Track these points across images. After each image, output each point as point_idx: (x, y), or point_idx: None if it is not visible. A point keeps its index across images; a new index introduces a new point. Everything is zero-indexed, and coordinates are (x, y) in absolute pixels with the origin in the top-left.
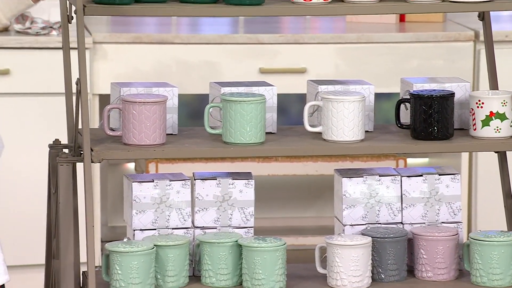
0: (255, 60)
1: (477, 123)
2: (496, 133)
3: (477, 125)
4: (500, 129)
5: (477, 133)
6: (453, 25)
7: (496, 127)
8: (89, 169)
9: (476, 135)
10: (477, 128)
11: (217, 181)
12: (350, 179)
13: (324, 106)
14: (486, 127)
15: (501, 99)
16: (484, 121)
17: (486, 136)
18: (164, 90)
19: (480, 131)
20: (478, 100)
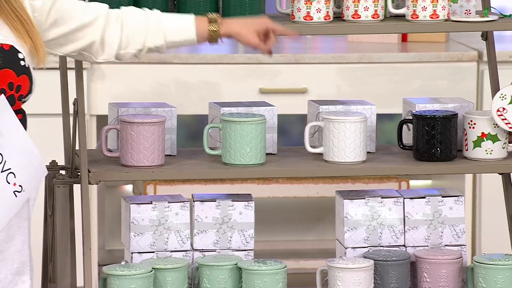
0: (255, 80)
1: (468, 144)
2: (488, 155)
3: (469, 146)
4: (492, 150)
5: (468, 154)
6: (456, 45)
7: (487, 148)
8: (86, 191)
9: (468, 156)
10: (468, 149)
11: (216, 203)
12: (351, 201)
13: (325, 127)
14: (477, 148)
15: (493, 120)
16: (476, 142)
17: (477, 158)
18: (163, 110)
19: (471, 152)
20: (470, 121)
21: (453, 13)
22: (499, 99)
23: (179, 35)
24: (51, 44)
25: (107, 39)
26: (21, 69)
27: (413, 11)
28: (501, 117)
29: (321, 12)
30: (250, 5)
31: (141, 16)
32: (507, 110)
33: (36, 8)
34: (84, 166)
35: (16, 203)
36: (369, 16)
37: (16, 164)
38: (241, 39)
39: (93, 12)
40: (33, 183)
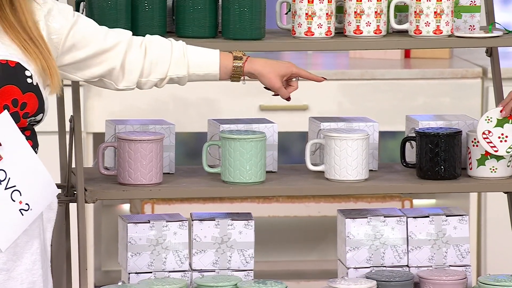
0: (255, 97)
1: (472, 162)
2: (492, 173)
3: (473, 165)
4: (496, 169)
5: (472, 173)
6: (460, 62)
7: (492, 166)
8: (82, 209)
9: (472, 175)
10: (472, 168)
11: (215, 222)
12: (353, 220)
13: (327, 144)
14: (482, 166)
15: None
16: (480, 160)
17: (482, 176)
18: (161, 127)
19: (475, 171)
20: (474, 139)
21: (457, 29)
22: (485, 121)
23: (203, 69)
24: (70, 68)
25: (128, 66)
26: (28, 87)
27: (416, 26)
28: (486, 140)
29: (322, 27)
30: (250, 21)
31: (165, 45)
32: (492, 133)
33: (53, 31)
34: (80, 185)
35: (23, 222)
36: (371, 32)
37: (21, 182)
38: (264, 80)
39: (114, 37)
40: (42, 202)
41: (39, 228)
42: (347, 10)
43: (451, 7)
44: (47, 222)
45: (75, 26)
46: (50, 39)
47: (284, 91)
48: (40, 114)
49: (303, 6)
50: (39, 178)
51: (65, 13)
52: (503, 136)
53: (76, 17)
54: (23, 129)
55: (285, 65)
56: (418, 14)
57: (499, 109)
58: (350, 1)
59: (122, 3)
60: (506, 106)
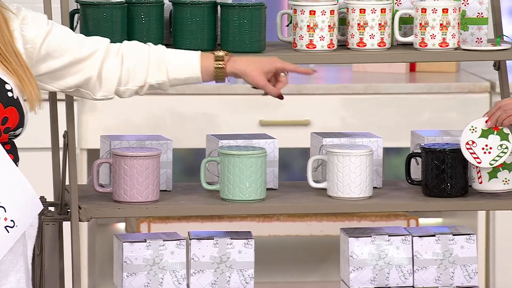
0: (255, 112)
1: (483, 175)
2: (505, 185)
3: (483, 178)
4: (509, 180)
5: (484, 186)
6: (467, 76)
7: (504, 178)
8: (76, 228)
9: (483, 189)
10: (483, 181)
11: (214, 240)
12: (357, 239)
13: (329, 161)
14: (494, 179)
15: None
16: (491, 173)
17: (495, 190)
18: (158, 143)
19: (487, 184)
20: None
21: (463, 42)
22: (469, 131)
23: (183, 73)
24: (45, 78)
25: (105, 75)
26: (9, 101)
27: (421, 39)
28: (469, 150)
29: (325, 40)
30: (250, 33)
31: (143, 51)
32: (476, 143)
33: (27, 40)
34: (74, 202)
35: (9, 239)
36: (375, 44)
37: (5, 199)
38: (248, 79)
39: (91, 46)
40: (27, 218)
41: (23, 246)
42: (350, 22)
43: (458, 19)
44: (28, 239)
45: (49, 34)
46: (25, 49)
47: (270, 88)
48: (20, 128)
49: (305, 18)
50: (23, 194)
51: (39, 22)
52: (487, 148)
53: (51, 25)
54: (3, 143)
55: (268, 60)
56: (424, 26)
57: (484, 119)
58: (353, 13)
59: (117, 15)
60: (491, 117)
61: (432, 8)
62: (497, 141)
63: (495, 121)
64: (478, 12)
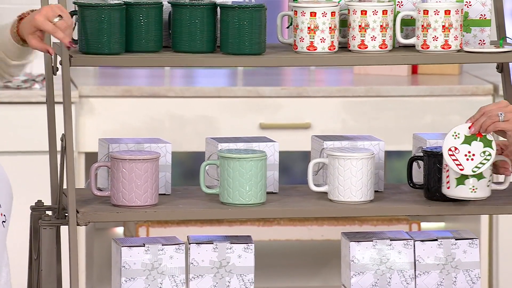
0: (255, 115)
1: (451, 181)
2: (472, 193)
3: (451, 183)
4: (476, 188)
5: (450, 192)
6: (470, 78)
7: (472, 186)
8: (74, 233)
9: (449, 194)
10: (450, 187)
11: (213, 245)
12: (358, 243)
13: (330, 164)
14: (461, 186)
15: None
16: (459, 179)
17: (461, 196)
18: (157, 146)
19: (453, 190)
20: None
21: (466, 44)
22: (452, 137)
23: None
24: None
25: None
26: None
27: (423, 41)
28: (452, 157)
29: (326, 42)
30: (250, 35)
31: None
32: (459, 150)
33: None
34: (72, 206)
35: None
36: (376, 47)
37: None
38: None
39: None
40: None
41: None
42: (351, 24)
43: (460, 20)
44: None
45: None
46: None
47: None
48: None
49: (305, 20)
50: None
51: None
52: (470, 154)
53: None
54: None
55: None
56: (426, 28)
57: (467, 125)
58: (354, 15)
59: (115, 16)
60: (475, 123)
61: (434, 10)
62: (480, 147)
63: (478, 127)
64: (481, 13)
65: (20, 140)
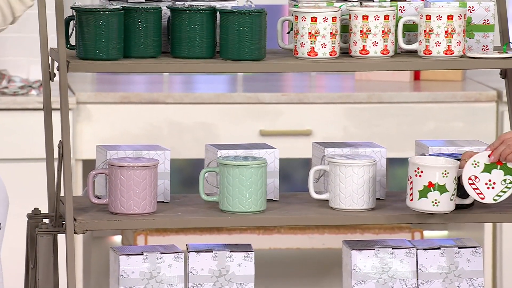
0: (255, 122)
1: (414, 193)
2: (434, 207)
3: (414, 196)
4: (439, 202)
5: (412, 204)
6: (473, 84)
7: (434, 199)
8: (71, 241)
9: (412, 207)
10: (413, 199)
11: (213, 253)
12: (360, 252)
13: (331, 171)
14: (424, 199)
15: (442, 169)
16: (422, 191)
17: (423, 209)
18: (155, 153)
19: (416, 203)
20: (417, 168)
21: (469, 49)
22: (472, 166)
23: None
24: None
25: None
26: None
27: (425, 46)
28: (472, 186)
29: (327, 47)
30: (250, 41)
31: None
32: (479, 179)
33: None
34: (69, 214)
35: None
36: (378, 52)
37: None
38: None
39: None
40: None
41: None
42: (353, 29)
43: (463, 26)
44: None
45: None
46: None
47: None
48: None
49: (306, 25)
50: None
51: None
52: (490, 183)
53: None
54: None
55: None
56: (428, 34)
57: (487, 153)
58: (355, 20)
59: (114, 22)
60: (495, 151)
61: (437, 15)
62: (500, 176)
63: (498, 155)
64: (484, 19)
65: (16, 147)
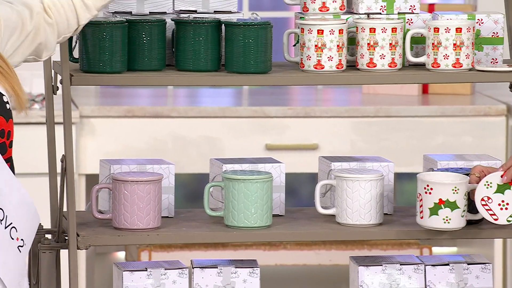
0: (260, 136)
1: (424, 211)
2: (446, 224)
3: (424, 213)
4: (450, 219)
5: (423, 222)
6: (482, 98)
7: (445, 217)
8: (74, 256)
9: (423, 225)
10: (424, 217)
11: (218, 269)
12: (367, 268)
13: (338, 186)
14: (435, 216)
15: (452, 186)
16: (432, 209)
17: (434, 227)
18: (160, 167)
19: (427, 220)
20: (427, 185)
21: (478, 62)
22: (484, 187)
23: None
24: None
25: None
26: (8, 113)
27: (434, 59)
28: (485, 207)
29: (333, 60)
30: (256, 53)
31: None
32: (492, 199)
33: None
34: (72, 229)
35: (21, 259)
36: (385, 65)
37: (16, 217)
38: None
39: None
40: (32, 234)
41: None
42: (360, 41)
43: (472, 38)
44: None
45: None
46: None
47: None
48: None
49: (313, 38)
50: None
51: None
52: (503, 203)
53: None
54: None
55: None
56: (436, 46)
57: (499, 174)
58: (362, 32)
59: (117, 34)
60: (507, 171)
61: (445, 27)
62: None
63: (511, 176)
64: (493, 31)
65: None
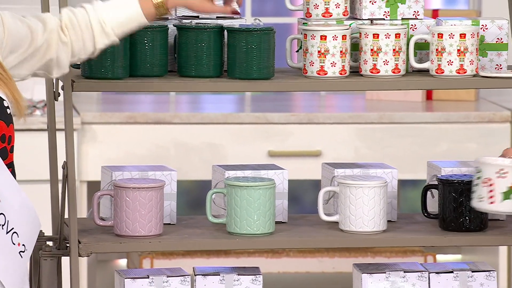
0: (263, 142)
1: (496, 195)
2: None
3: (496, 198)
4: None
5: (496, 207)
6: (487, 104)
7: None
8: (76, 264)
9: (494, 210)
10: (495, 201)
11: (220, 277)
12: (371, 275)
13: (341, 192)
14: (508, 200)
15: None
16: (506, 193)
17: (507, 212)
18: (162, 174)
19: (499, 205)
20: (500, 169)
21: (482, 68)
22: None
23: (128, 24)
24: None
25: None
26: (9, 118)
27: (438, 65)
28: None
29: (336, 66)
30: (258, 59)
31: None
32: None
33: None
34: (73, 237)
35: (22, 264)
36: (389, 71)
37: (17, 222)
38: (193, 7)
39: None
40: (32, 239)
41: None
42: (363, 47)
43: (476, 44)
44: None
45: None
46: None
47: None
48: None
49: (315, 43)
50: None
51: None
52: None
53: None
54: (7, 165)
55: None
56: (440, 52)
57: None
58: (366, 38)
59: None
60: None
61: (449, 33)
62: None
63: None
64: (497, 37)
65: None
